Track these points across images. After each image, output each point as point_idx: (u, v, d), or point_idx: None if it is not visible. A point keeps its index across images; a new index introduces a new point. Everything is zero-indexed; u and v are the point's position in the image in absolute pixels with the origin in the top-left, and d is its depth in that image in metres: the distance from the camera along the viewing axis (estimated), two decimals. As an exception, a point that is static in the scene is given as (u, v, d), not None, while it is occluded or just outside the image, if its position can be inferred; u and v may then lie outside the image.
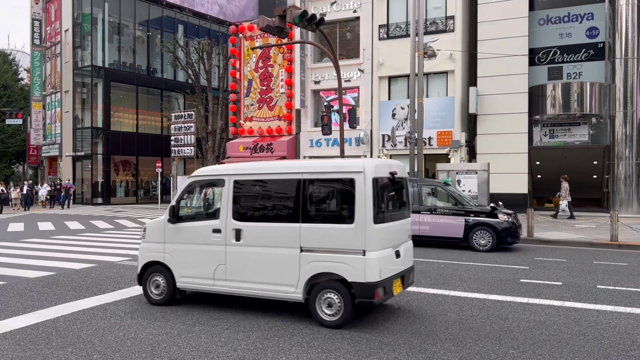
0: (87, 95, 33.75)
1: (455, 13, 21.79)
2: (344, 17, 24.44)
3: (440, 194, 12.92)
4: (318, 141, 24.54)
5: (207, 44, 30.94)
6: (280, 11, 13.60)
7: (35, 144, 37.54)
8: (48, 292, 7.54)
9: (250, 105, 26.77)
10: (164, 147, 33.18)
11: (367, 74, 23.63)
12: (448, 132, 21.67)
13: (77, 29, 33.60)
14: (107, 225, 18.85)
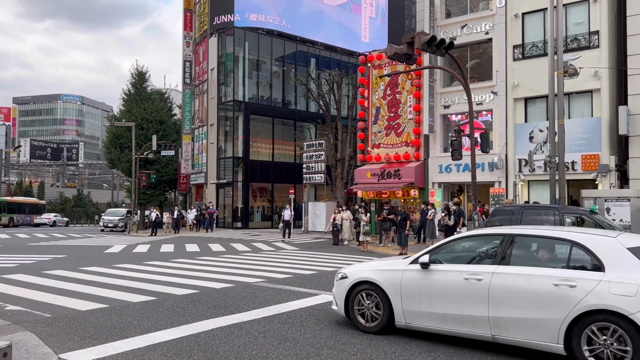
0: (229, 127, 36.66)
1: (599, 28, 20.12)
2: (475, 40, 23.81)
3: (586, 223, 11.79)
4: (448, 167, 23.91)
5: (337, 74, 32.01)
6: (408, 38, 13.65)
7: (185, 173, 41.42)
8: (192, 308, 8.19)
9: (378, 132, 27.00)
10: (296, 175, 34.68)
11: (500, 96, 22.65)
12: (594, 156, 19.84)
13: (222, 68, 36.82)
14: (245, 248, 20.06)
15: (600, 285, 5.06)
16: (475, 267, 5.99)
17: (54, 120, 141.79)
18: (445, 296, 6.02)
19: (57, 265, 14.18)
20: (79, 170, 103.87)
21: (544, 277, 5.42)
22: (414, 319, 6.29)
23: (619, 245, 5.36)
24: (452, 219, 16.98)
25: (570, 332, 5.14)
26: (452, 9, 25.25)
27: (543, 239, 5.94)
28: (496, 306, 5.60)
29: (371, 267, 6.95)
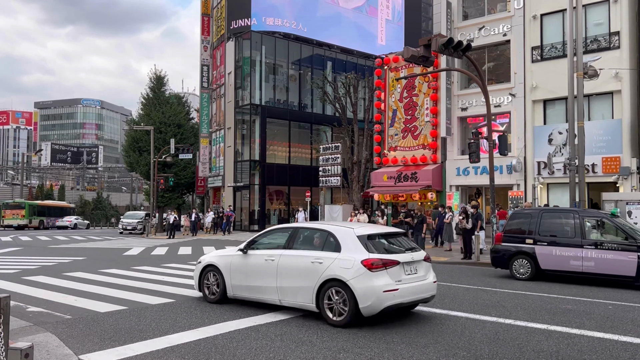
0: (246, 131, 36.86)
1: (620, 28, 19.82)
2: (493, 42, 23.63)
3: (607, 226, 11.61)
4: (465, 169, 23.74)
5: (354, 77, 31.99)
6: (425, 41, 13.60)
7: (202, 176, 41.73)
8: (210, 310, 8.24)
9: (394, 135, 26.92)
10: (312, 178, 34.71)
11: (519, 98, 22.43)
12: (615, 158, 19.53)
13: (239, 71, 37.07)
14: (261, 251, 20.10)
15: (335, 261, 7.27)
16: (271, 251, 8.17)
17: (74, 124, 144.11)
18: (253, 273, 8.23)
19: (77, 267, 14.38)
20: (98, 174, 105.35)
21: (306, 257, 7.61)
22: (238, 291, 8.50)
23: (353, 233, 7.49)
24: (470, 222, 16.84)
25: (318, 295, 7.32)
26: (469, 10, 25.10)
27: (313, 230, 8.12)
28: (281, 279, 7.79)
29: (215, 254, 9.19)
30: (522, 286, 11.07)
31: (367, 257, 7.11)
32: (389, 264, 7.15)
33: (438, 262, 16.14)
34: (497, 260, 12.76)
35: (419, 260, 7.65)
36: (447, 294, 9.98)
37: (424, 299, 7.70)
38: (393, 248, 7.66)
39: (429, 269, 7.87)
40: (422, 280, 7.57)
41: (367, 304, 6.91)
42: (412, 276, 7.42)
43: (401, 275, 7.24)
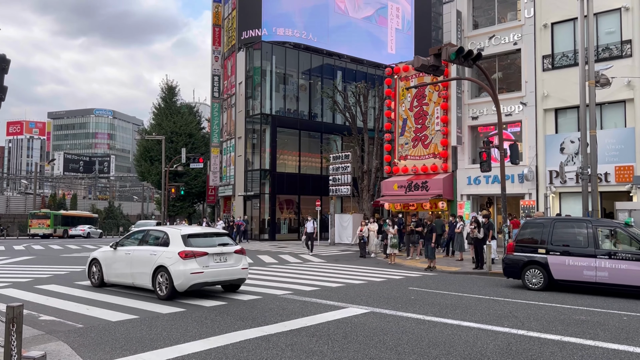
0: (256, 140, 37.01)
1: (632, 36, 19.70)
2: (504, 51, 23.58)
3: (620, 236, 11.47)
4: (477, 178, 23.62)
5: (364, 87, 32.06)
6: (435, 50, 13.61)
7: (213, 185, 41.91)
8: (220, 320, 8.24)
9: (404, 144, 26.88)
10: (323, 187, 34.70)
11: (530, 107, 22.33)
12: (628, 167, 19.34)
13: (249, 81, 37.30)
14: (272, 260, 20.12)
15: (163, 253, 10.32)
16: (130, 247, 11.40)
17: (86, 134, 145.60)
18: (118, 264, 11.36)
19: (89, 276, 14.45)
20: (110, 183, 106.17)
21: (148, 251, 10.79)
22: (110, 278, 11.63)
23: (178, 233, 10.57)
24: (482, 232, 16.73)
25: (153, 277, 10.35)
26: (479, 20, 25.09)
27: (157, 231, 11.31)
28: (132, 267, 10.96)
29: (98, 251, 12.24)
30: (534, 296, 10.95)
31: (182, 249, 10.15)
32: (198, 254, 10.18)
33: (449, 272, 16.02)
34: (509, 270, 12.64)
35: (229, 252, 10.70)
36: (459, 304, 9.90)
37: (231, 281, 10.83)
38: (208, 243, 10.64)
39: (240, 259, 10.88)
40: (230, 267, 10.64)
41: (178, 282, 9.97)
42: (220, 264, 10.48)
43: (209, 262, 10.29)
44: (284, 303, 9.86)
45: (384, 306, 9.50)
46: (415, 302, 10.10)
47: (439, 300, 10.27)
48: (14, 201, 65.00)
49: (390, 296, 10.81)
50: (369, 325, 7.84)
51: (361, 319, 8.32)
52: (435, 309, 9.30)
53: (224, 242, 11.01)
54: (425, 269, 16.54)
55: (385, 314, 8.74)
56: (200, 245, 10.40)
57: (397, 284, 13.02)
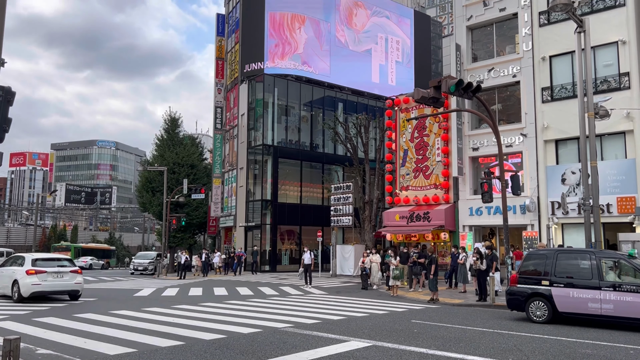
0: (258, 171, 37.14)
1: (630, 69, 19.95)
2: (503, 83, 23.87)
3: (625, 267, 11.36)
4: (478, 209, 23.56)
5: (365, 118, 32.35)
6: (435, 82, 13.78)
7: (214, 216, 41.82)
8: (219, 354, 8.10)
9: (406, 174, 26.94)
10: (324, 217, 34.62)
11: (530, 138, 22.46)
12: (630, 198, 19.30)
13: (252, 113, 37.68)
14: (273, 292, 19.91)
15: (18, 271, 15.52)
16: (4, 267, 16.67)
17: (89, 165, 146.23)
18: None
19: (88, 308, 14.31)
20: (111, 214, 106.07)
21: (11, 270, 15.96)
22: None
23: (30, 258, 15.88)
24: (484, 263, 16.59)
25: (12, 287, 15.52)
26: (478, 53, 25.49)
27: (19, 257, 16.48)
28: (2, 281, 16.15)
29: None
30: (539, 329, 10.78)
31: (29, 268, 15.25)
32: (39, 272, 15.22)
33: (452, 304, 15.82)
34: (513, 302, 12.49)
35: (66, 271, 15.89)
36: (463, 337, 9.74)
37: (66, 291, 16.00)
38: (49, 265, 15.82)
39: (74, 277, 15.99)
40: (65, 282, 15.78)
41: (23, 291, 15.05)
42: (57, 279, 15.62)
43: (48, 278, 15.36)
44: (285, 336, 9.72)
45: (387, 340, 9.35)
46: (418, 335, 9.95)
47: (443, 334, 10.11)
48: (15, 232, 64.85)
49: (393, 329, 10.66)
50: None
51: (363, 353, 8.18)
52: (438, 342, 9.15)
53: (63, 264, 16.25)
54: (428, 301, 16.34)
55: (387, 348, 8.60)
56: (43, 266, 15.50)
57: (399, 316, 12.85)
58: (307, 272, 22.65)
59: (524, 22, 23.10)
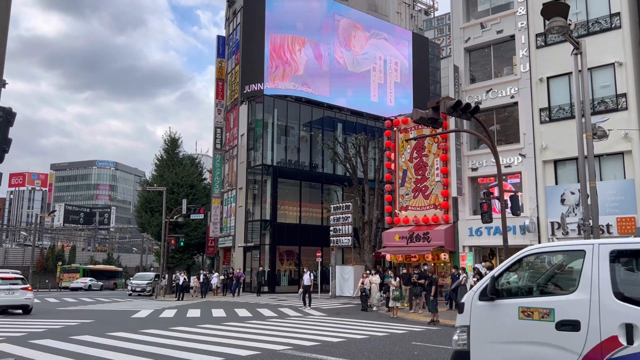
0: (257, 191, 37.13)
1: (627, 90, 20.11)
2: (501, 104, 24.02)
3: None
4: (478, 230, 23.50)
5: (364, 138, 32.47)
6: (433, 103, 13.84)
7: (213, 236, 41.67)
8: (217, 377, 7.98)
9: (405, 194, 26.94)
10: (323, 237, 34.51)
11: (529, 158, 22.51)
12: (630, 219, 19.27)
13: (251, 133, 37.84)
14: (271, 313, 19.72)
15: None
16: None
17: (88, 186, 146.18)
18: None
19: (85, 330, 14.16)
20: (109, 234, 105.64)
21: None
22: None
23: None
24: (485, 284, 16.45)
25: None
26: (476, 74, 25.71)
27: (8, 279, 19.53)
28: None
29: None
30: (541, 352, 10.65)
31: None
32: None
33: (453, 325, 15.67)
34: (514, 324, 12.34)
35: (17, 289, 18.85)
36: (464, 360, 9.61)
37: (17, 306, 19.11)
38: (7, 282, 18.84)
39: (24, 293, 18.96)
40: (16, 297, 18.78)
41: None
42: (9, 295, 18.57)
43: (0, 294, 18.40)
44: (284, 359, 9.60)
45: (387, 362, 9.22)
46: (418, 358, 9.83)
47: (443, 356, 9.99)
48: (12, 253, 64.44)
49: (393, 351, 10.53)
50: (371, 383, 7.60)
51: (363, 376, 8.06)
52: (439, 365, 9.03)
53: (15, 283, 19.20)
54: (429, 323, 16.19)
55: (388, 371, 8.47)
56: None
57: (399, 338, 12.71)
58: (307, 293, 22.64)
59: (521, 44, 23.36)
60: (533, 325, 5.21)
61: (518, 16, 23.60)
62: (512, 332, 5.34)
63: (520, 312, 5.31)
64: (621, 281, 4.95)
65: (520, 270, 5.87)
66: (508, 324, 5.37)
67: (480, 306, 5.59)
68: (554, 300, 5.24)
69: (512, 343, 5.32)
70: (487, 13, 25.30)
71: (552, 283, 5.69)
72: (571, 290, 5.17)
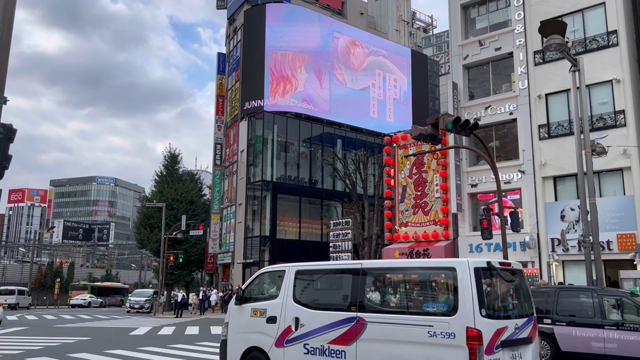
0: (257, 207, 37.09)
1: (625, 107, 20.22)
2: (500, 120, 24.13)
3: (627, 306, 11.21)
4: (478, 246, 23.43)
5: (363, 154, 32.54)
6: (432, 119, 13.90)
7: (212, 253, 41.52)
8: (216, 395, 7.90)
9: (405, 210, 26.91)
10: (323, 254, 34.32)
11: (528, 174, 22.54)
12: (630, 235, 19.23)
13: (251, 149, 37.93)
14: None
15: None
16: None
17: (87, 202, 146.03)
18: None
19: (82, 347, 14.02)
20: (108, 251, 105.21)
21: None
22: None
23: None
24: (485, 301, 16.35)
25: None
26: (475, 91, 25.87)
27: None
28: None
29: None
30: (543, 370, 10.56)
31: None
32: None
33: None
34: (515, 341, 12.24)
35: None
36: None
37: None
38: None
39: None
40: None
41: None
42: None
43: None
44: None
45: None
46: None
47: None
48: (10, 269, 64.12)
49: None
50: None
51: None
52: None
53: None
54: (429, 340, 16.03)
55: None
56: None
57: (400, 356, 12.57)
58: None
59: (520, 61, 23.55)
60: (256, 320, 8.06)
61: (516, 34, 23.83)
62: (247, 326, 8.16)
63: (252, 311, 8.18)
64: (297, 290, 7.88)
65: (255, 284, 8.63)
66: (245, 320, 8.22)
67: (234, 308, 8.46)
68: (267, 303, 8.11)
69: (246, 333, 8.12)
70: (485, 31, 25.54)
71: (267, 292, 8.50)
72: (275, 297, 8.05)
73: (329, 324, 7.14)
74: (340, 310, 7.18)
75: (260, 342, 7.75)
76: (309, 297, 7.85)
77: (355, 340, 6.80)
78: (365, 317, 6.85)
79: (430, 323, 6.28)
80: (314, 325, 7.30)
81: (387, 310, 6.89)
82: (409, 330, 6.40)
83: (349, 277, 7.45)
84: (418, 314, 6.53)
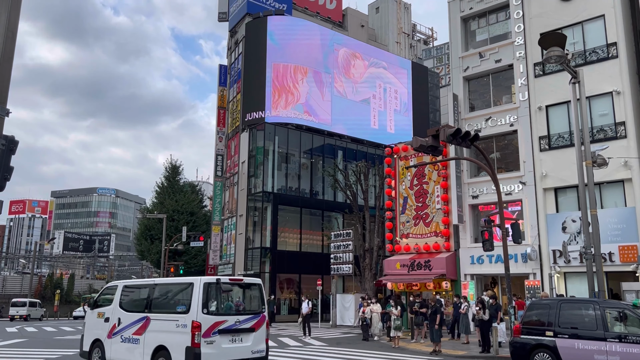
0: (258, 218, 37.05)
1: (625, 119, 20.25)
2: (500, 132, 24.17)
3: (630, 318, 11.15)
4: (480, 258, 23.35)
5: (364, 166, 32.56)
6: (433, 131, 13.94)
7: (213, 264, 41.40)
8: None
9: (406, 222, 26.85)
10: (324, 265, 34.26)
11: (529, 186, 22.53)
12: (632, 247, 19.17)
13: (252, 160, 37.99)
14: (271, 343, 19.35)
15: None
16: None
17: (88, 213, 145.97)
18: None
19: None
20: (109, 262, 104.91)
21: None
22: None
23: None
24: (487, 313, 16.28)
25: None
26: (475, 102, 25.95)
27: None
28: None
29: None
30: (545, 383, 10.46)
31: None
32: None
33: (456, 356, 15.43)
34: (517, 354, 12.19)
35: None
36: (466, 391, 9.45)
37: None
38: None
39: None
40: None
41: None
42: None
43: None
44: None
45: (388, 393, 9.07)
46: (420, 389, 9.66)
47: (446, 387, 9.82)
48: (10, 281, 63.90)
49: (395, 382, 10.36)
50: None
51: (364, 408, 7.94)
52: (441, 396, 8.86)
53: None
54: (431, 353, 15.95)
55: (389, 402, 8.33)
56: None
57: (401, 369, 12.50)
58: (306, 322, 22.34)
59: (520, 73, 23.64)
60: (99, 320, 11.91)
61: (516, 46, 23.94)
62: (95, 324, 12.07)
63: (98, 314, 12.10)
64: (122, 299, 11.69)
65: (102, 295, 12.62)
66: (94, 320, 12.16)
67: (89, 312, 12.52)
68: (105, 308, 11.97)
69: (93, 329, 12.02)
70: (485, 43, 25.68)
71: (107, 301, 12.14)
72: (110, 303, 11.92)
73: (134, 321, 10.84)
74: (140, 312, 10.87)
75: (100, 335, 11.59)
76: (127, 304, 11.50)
77: (145, 331, 10.49)
78: (150, 316, 10.58)
79: (177, 318, 9.91)
80: (127, 322, 10.98)
81: (160, 311, 10.60)
82: (169, 324, 10.04)
83: (146, 290, 11.38)
84: (174, 313, 10.18)
